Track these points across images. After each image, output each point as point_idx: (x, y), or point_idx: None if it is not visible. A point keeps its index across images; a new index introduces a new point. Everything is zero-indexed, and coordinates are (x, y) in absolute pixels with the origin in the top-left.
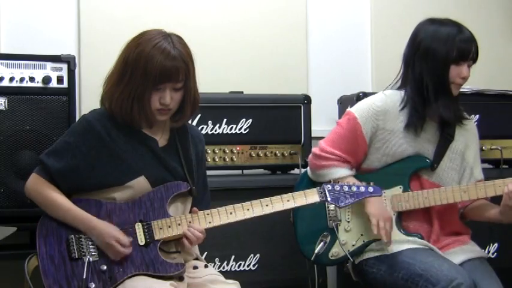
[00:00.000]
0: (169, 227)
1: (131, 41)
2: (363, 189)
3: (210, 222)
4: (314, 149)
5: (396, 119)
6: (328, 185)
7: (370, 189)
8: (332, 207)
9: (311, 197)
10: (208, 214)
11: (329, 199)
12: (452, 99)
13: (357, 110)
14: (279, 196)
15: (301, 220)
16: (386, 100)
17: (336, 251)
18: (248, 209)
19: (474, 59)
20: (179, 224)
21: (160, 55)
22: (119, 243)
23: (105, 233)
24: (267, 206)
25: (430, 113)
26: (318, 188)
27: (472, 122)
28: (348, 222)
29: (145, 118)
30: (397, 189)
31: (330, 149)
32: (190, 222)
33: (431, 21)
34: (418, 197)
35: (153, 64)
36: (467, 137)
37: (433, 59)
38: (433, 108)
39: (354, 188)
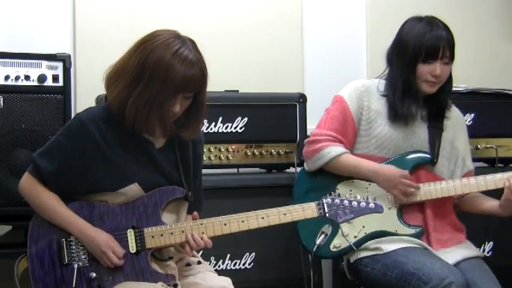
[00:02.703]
0: (162, 235)
1: (145, 43)
2: (363, 205)
3: (203, 233)
4: (306, 139)
5: (380, 102)
6: (328, 199)
7: (372, 205)
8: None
9: (309, 212)
10: (202, 224)
11: (327, 215)
12: (420, 97)
13: (343, 92)
14: (275, 209)
15: None
16: (369, 83)
17: (338, 243)
18: (243, 221)
19: (449, 57)
20: (171, 233)
21: (181, 65)
22: (114, 254)
23: (101, 242)
24: (262, 218)
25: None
26: (317, 202)
27: (455, 110)
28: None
29: (162, 126)
30: None
31: (322, 131)
32: (183, 232)
33: (413, 19)
34: (420, 190)
35: (174, 74)
36: (454, 126)
37: (402, 58)
38: (399, 107)
39: (355, 204)
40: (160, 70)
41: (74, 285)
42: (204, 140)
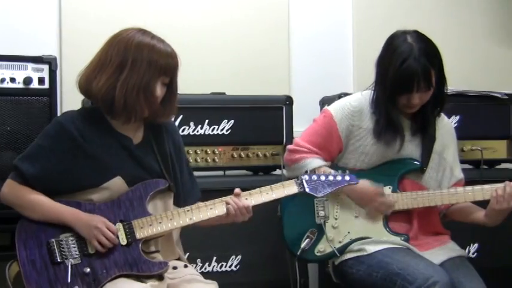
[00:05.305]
0: (150, 225)
1: (119, 36)
2: (339, 178)
3: (191, 219)
4: (288, 146)
5: (371, 119)
6: (306, 176)
7: (347, 177)
8: (320, 203)
9: (289, 188)
10: (188, 211)
11: (307, 190)
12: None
13: (332, 108)
14: (257, 189)
15: (288, 216)
16: (362, 99)
17: (322, 247)
18: (228, 203)
19: (425, 87)
20: (160, 222)
21: (160, 46)
22: (107, 229)
23: (93, 219)
24: (246, 199)
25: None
26: (296, 179)
27: (445, 121)
28: (336, 219)
29: (150, 107)
30: (387, 190)
31: (303, 143)
32: (171, 219)
33: (398, 37)
34: (407, 198)
35: (157, 54)
36: (444, 136)
37: (383, 86)
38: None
39: (331, 178)
40: (143, 52)
41: (68, 281)
42: (178, 130)
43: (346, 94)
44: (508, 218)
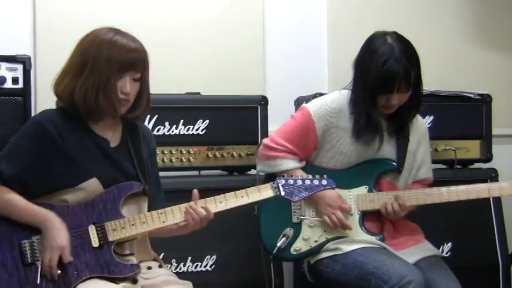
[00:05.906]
0: (123, 227)
1: (85, 38)
2: (316, 182)
3: (164, 222)
4: (264, 140)
5: (350, 119)
6: (282, 180)
7: (324, 182)
8: (297, 202)
9: (265, 192)
10: (162, 214)
11: (283, 193)
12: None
13: (311, 106)
14: (232, 192)
15: (265, 214)
16: (341, 99)
17: (299, 246)
18: (201, 207)
19: (405, 87)
20: (133, 225)
21: (122, 41)
22: (60, 257)
23: (57, 239)
24: (220, 203)
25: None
26: (272, 182)
27: (420, 120)
28: (312, 218)
29: (110, 107)
30: (363, 189)
31: (280, 141)
32: (144, 222)
33: (378, 38)
34: (383, 198)
35: (117, 50)
36: (419, 137)
37: (364, 85)
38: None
39: (308, 182)
40: (103, 49)
41: (38, 282)
42: (154, 138)
43: (321, 94)
44: (481, 217)
